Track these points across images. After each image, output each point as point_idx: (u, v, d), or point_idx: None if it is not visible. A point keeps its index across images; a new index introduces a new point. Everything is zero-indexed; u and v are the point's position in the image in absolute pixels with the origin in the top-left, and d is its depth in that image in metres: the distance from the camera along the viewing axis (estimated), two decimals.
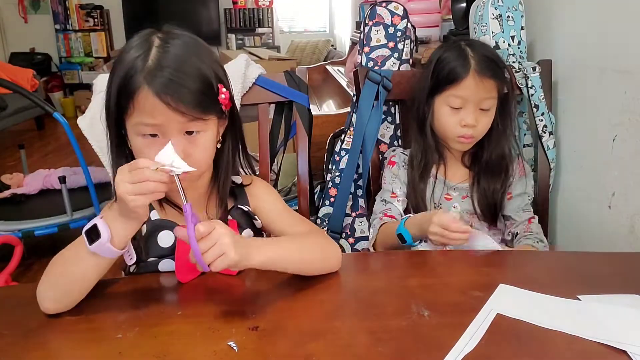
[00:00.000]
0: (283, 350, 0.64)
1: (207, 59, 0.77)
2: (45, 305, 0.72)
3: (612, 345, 0.63)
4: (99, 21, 5.80)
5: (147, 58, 0.72)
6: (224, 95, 0.77)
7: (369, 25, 1.47)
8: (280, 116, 1.32)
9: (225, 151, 0.85)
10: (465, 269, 0.87)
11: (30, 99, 2.18)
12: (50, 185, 2.44)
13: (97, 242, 0.68)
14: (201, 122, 0.75)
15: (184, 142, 0.75)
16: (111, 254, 0.70)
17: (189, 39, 0.78)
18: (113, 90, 0.75)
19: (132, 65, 0.72)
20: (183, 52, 0.74)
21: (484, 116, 1.11)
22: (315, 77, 3.58)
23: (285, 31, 6.29)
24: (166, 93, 0.71)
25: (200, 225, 0.67)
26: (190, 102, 0.72)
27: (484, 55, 1.11)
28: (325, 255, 0.83)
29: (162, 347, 0.65)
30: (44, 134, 4.82)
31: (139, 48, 0.74)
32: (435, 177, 1.18)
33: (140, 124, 0.73)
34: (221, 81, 0.78)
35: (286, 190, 1.96)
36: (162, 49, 0.73)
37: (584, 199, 1.29)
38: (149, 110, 0.72)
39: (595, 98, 1.23)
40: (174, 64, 0.72)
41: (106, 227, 0.68)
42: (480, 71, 1.08)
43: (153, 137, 0.74)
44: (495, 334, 0.65)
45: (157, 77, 0.71)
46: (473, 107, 1.09)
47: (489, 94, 1.09)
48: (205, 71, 0.75)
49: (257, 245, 0.76)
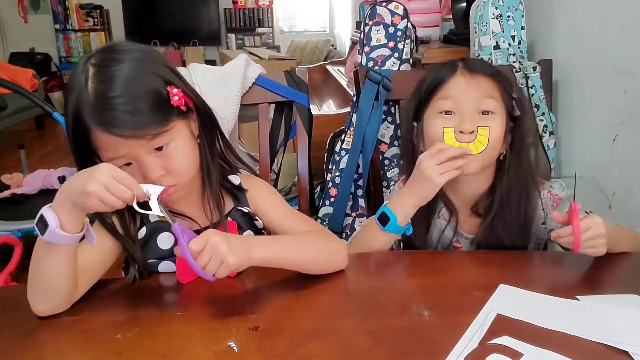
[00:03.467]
0: (283, 350, 0.64)
1: (150, 66, 0.75)
2: (36, 307, 0.71)
3: (612, 345, 0.63)
4: (99, 21, 5.80)
5: (87, 91, 0.70)
6: (176, 97, 0.74)
7: (369, 25, 1.47)
8: (280, 116, 1.32)
9: (203, 146, 0.82)
10: (465, 269, 0.87)
11: (30, 99, 2.18)
12: (50, 185, 2.44)
13: (47, 231, 0.65)
14: (164, 134, 0.73)
15: (157, 159, 0.74)
16: (66, 240, 0.66)
17: (127, 52, 0.74)
18: (70, 131, 0.73)
19: (75, 104, 0.71)
20: (122, 74, 0.71)
21: (487, 121, 0.89)
22: (315, 77, 3.58)
23: (285, 31, 6.29)
24: (116, 125, 0.69)
25: (192, 243, 0.67)
26: (142, 124, 0.70)
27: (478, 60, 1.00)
28: (329, 253, 0.83)
29: (162, 347, 0.65)
30: (44, 134, 4.82)
31: (78, 81, 0.71)
32: (446, 219, 0.98)
33: (109, 160, 0.72)
34: (169, 82, 0.75)
35: (286, 190, 1.96)
36: (98, 78, 0.71)
37: (584, 199, 1.29)
38: (110, 146, 0.71)
39: (595, 98, 1.23)
40: (115, 92, 0.70)
41: (52, 214, 0.65)
42: (470, 68, 0.92)
43: (128, 165, 0.74)
44: (496, 335, 0.65)
45: (102, 112, 0.69)
46: (469, 108, 0.89)
47: (487, 92, 0.90)
48: (151, 85, 0.73)
49: (257, 243, 0.76)
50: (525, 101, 0.96)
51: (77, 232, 0.67)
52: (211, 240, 0.68)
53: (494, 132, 0.88)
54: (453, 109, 0.90)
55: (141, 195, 0.68)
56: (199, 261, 0.67)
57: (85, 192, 0.63)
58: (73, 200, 0.65)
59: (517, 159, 0.93)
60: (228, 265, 0.68)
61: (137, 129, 0.70)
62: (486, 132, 0.87)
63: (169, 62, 0.80)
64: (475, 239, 0.97)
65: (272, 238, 0.86)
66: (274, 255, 0.76)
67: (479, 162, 0.89)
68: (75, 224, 0.67)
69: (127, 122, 0.70)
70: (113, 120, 0.69)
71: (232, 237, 0.73)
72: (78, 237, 0.68)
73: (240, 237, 0.77)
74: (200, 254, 0.67)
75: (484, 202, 0.95)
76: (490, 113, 0.90)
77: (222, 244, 0.68)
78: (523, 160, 0.93)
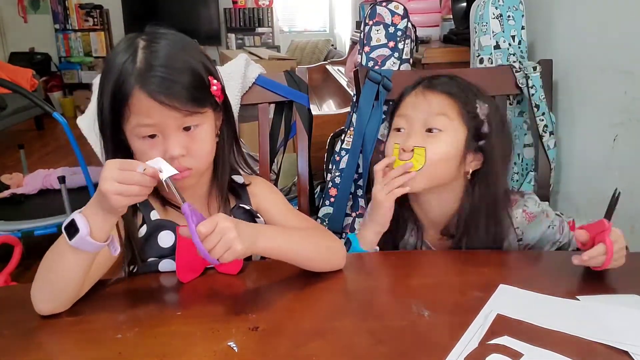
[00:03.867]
0: (283, 350, 0.64)
1: (194, 53, 0.78)
2: (39, 307, 0.71)
3: (612, 345, 0.63)
4: (99, 21, 5.80)
5: (135, 61, 0.73)
6: (215, 87, 0.78)
7: (369, 24, 1.46)
8: (280, 116, 1.32)
9: (222, 144, 0.86)
10: (465, 269, 0.87)
11: (30, 99, 2.18)
12: (49, 185, 2.44)
13: (76, 236, 0.66)
14: (197, 115, 0.76)
15: (183, 138, 0.76)
16: (93, 247, 0.68)
17: (173, 36, 0.78)
18: (106, 97, 0.75)
19: (122, 70, 0.73)
20: (169, 50, 0.75)
21: (431, 141, 0.88)
22: (315, 77, 3.57)
23: (285, 31, 6.29)
24: (159, 92, 0.72)
25: (201, 226, 0.67)
26: (183, 97, 0.73)
27: (443, 78, 0.95)
28: (330, 251, 0.84)
29: (162, 347, 0.65)
30: (44, 134, 4.82)
31: (125, 53, 0.74)
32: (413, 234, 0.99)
33: (138, 126, 0.74)
34: (211, 73, 0.79)
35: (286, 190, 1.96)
36: (148, 49, 0.74)
37: (583, 199, 1.29)
38: (145, 111, 0.73)
39: (595, 98, 1.23)
40: (162, 62, 0.73)
41: (84, 220, 0.66)
42: (427, 86, 0.92)
43: (152, 138, 0.75)
44: (496, 335, 0.65)
45: (147, 77, 0.72)
46: (416, 126, 0.90)
47: (437, 110, 0.89)
48: (194, 65, 0.76)
49: (264, 231, 0.77)
50: (497, 121, 0.92)
51: (104, 240, 0.69)
52: (220, 224, 0.68)
53: (437, 149, 0.88)
54: (404, 126, 0.92)
55: (154, 172, 0.67)
56: (206, 244, 0.67)
57: (103, 193, 0.65)
58: (102, 205, 0.67)
59: (484, 179, 0.91)
60: (235, 251, 0.68)
61: (177, 100, 0.73)
62: (422, 151, 0.88)
63: (210, 59, 0.83)
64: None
65: (278, 228, 0.87)
66: (279, 246, 0.77)
67: (423, 179, 0.89)
68: (105, 232, 0.68)
69: (171, 90, 0.72)
70: (158, 85, 0.72)
71: (241, 223, 0.73)
72: (103, 246, 0.69)
73: (248, 224, 0.77)
74: (208, 237, 0.67)
75: (453, 223, 0.94)
76: (437, 130, 0.89)
77: (232, 230, 0.68)
78: (491, 181, 0.91)
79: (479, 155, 0.92)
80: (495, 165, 0.91)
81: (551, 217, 0.97)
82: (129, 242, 0.81)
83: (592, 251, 0.77)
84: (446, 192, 0.93)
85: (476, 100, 0.91)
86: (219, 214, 0.71)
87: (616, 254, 0.78)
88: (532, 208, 0.96)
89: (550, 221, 0.97)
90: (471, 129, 0.90)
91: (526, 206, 0.96)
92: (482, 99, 0.92)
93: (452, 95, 0.90)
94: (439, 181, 0.91)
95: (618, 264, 0.80)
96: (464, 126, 0.90)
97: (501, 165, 0.93)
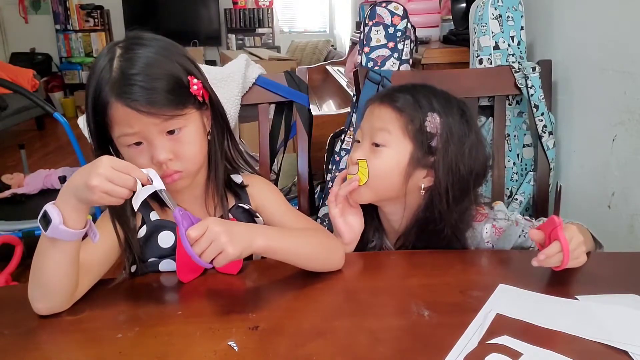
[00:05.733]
0: (283, 350, 0.64)
1: (173, 55, 0.78)
2: (36, 306, 0.71)
3: (611, 345, 0.63)
4: (99, 21, 5.81)
5: (111, 70, 0.73)
6: (195, 87, 0.77)
7: (368, 25, 1.47)
8: (280, 116, 1.32)
9: (212, 141, 0.85)
10: (465, 269, 0.87)
11: (31, 99, 2.18)
12: (50, 185, 2.45)
13: (50, 226, 0.65)
14: (178, 118, 0.75)
15: (167, 142, 0.75)
16: (69, 235, 0.67)
17: (152, 40, 0.77)
18: (89, 108, 0.75)
19: (99, 80, 0.73)
20: (145, 56, 0.74)
21: (374, 155, 0.88)
22: (315, 77, 3.58)
23: (285, 31, 6.29)
24: (135, 100, 0.71)
25: (191, 230, 0.67)
26: (160, 102, 0.73)
27: (397, 90, 0.92)
28: (328, 251, 0.83)
29: (162, 347, 0.65)
30: (45, 134, 4.83)
31: (103, 61, 0.74)
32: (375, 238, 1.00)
33: (121, 136, 0.74)
34: (190, 73, 0.78)
35: (286, 190, 1.96)
36: (124, 57, 0.74)
37: (583, 199, 1.29)
38: (125, 121, 0.73)
39: (595, 98, 1.23)
40: (137, 69, 0.73)
41: (56, 210, 0.66)
42: (382, 99, 0.91)
43: (138, 145, 0.75)
44: (495, 334, 0.65)
45: (122, 87, 0.72)
46: (365, 139, 0.90)
47: (380, 125, 0.88)
48: (170, 68, 0.75)
49: (260, 231, 0.77)
50: (456, 134, 0.87)
51: (80, 228, 0.68)
52: (211, 229, 0.68)
53: (378, 164, 0.87)
54: (359, 138, 0.93)
55: (143, 178, 0.68)
56: (195, 248, 0.67)
57: (89, 187, 0.64)
58: (78, 196, 0.66)
59: (437, 195, 0.87)
60: (227, 255, 0.68)
61: (152, 106, 0.72)
62: (364, 164, 0.88)
63: (192, 57, 0.82)
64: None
65: (275, 228, 0.87)
66: (275, 245, 0.76)
67: (368, 192, 0.90)
68: (79, 220, 0.67)
69: (144, 97, 0.72)
70: (131, 94, 0.72)
71: (235, 225, 0.73)
72: (81, 234, 0.68)
73: (243, 225, 0.77)
74: (198, 241, 0.67)
75: (408, 235, 0.94)
76: (382, 145, 0.88)
77: (223, 234, 0.68)
78: (436, 200, 0.87)
79: (430, 171, 0.88)
80: (443, 182, 0.86)
81: (521, 224, 0.94)
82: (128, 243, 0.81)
83: (548, 250, 0.75)
84: (399, 205, 0.91)
85: (428, 114, 0.87)
86: (210, 218, 0.70)
87: (574, 251, 0.75)
88: (501, 223, 0.94)
89: (521, 230, 0.93)
90: (421, 145, 0.87)
91: (495, 220, 0.94)
92: (443, 111, 0.88)
93: (397, 110, 0.88)
94: (384, 195, 0.91)
95: (579, 261, 0.78)
96: (409, 142, 0.87)
97: (461, 181, 0.87)
